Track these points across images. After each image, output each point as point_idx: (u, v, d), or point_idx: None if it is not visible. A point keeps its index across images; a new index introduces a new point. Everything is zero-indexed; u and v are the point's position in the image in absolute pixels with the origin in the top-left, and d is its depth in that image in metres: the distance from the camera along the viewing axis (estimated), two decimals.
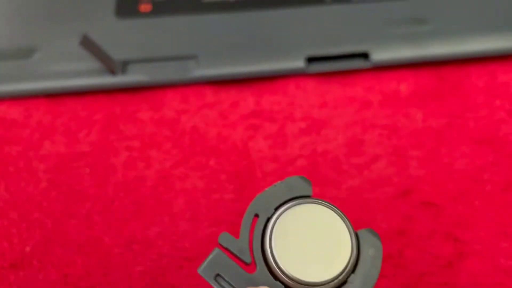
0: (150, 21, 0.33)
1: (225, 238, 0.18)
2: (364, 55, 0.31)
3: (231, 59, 0.31)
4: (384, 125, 0.30)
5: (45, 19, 0.33)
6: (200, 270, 0.18)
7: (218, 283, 0.18)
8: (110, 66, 0.30)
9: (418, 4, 0.32)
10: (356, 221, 0.27)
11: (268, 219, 0.19)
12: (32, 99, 0.31)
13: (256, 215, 0.19)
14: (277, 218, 0.18)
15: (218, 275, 0.18)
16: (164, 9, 0.33)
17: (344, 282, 0.18)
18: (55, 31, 0.32)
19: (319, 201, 0.19)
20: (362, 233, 0.19)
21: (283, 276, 0.18)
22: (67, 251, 0.27)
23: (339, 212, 0.19)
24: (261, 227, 0.19)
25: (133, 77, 0.31)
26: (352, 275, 0.18)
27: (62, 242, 0.27)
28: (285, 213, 0.18)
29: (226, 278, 0.18)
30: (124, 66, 0.31)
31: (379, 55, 0.31)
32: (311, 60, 0.31)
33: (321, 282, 0.18)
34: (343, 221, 0.18)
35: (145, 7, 0.33)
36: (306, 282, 0.18)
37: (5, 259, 0.27)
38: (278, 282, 0.18)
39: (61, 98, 0.31)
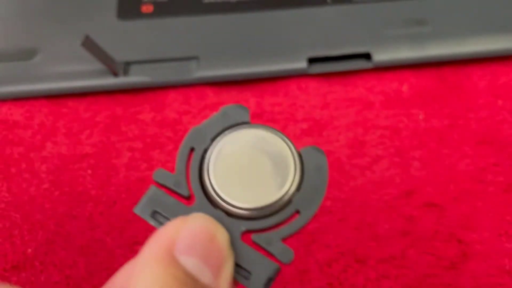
0: (152, 22, 0.33)
1: (160, 174, 0.17)
2: (366, 56, 0.31)
3: (232, 60, 0.31)
4: (386, 126, 0.30)
5: (46, 20, 0.33)
6: (136, 210, 0.17)
7: (156, 219, 0.17)
8: (112, 67, 0.30)
9: (419, 4, 0.32)
10: (358, 222, 0.27)
11: (205, 151, 0.18)
12: (34, 100, 0.31)
13: (192, 149, 0.18)
14: (214, 147, 0.17)
15: (155, 212, 0.17)
16: (166, 10, 0.33)
17: (289, 202, 0.17)
18: (57, 32, 0.32)
19: (257, 125, 0.18)
20: (305, 151, 0.18)
21: (224, 204, 0.17)
22: (69, 252, 0.27)
23: (279, 133, 0.18)
24: (198, 158, 0.17)
25: (135, 78, 0.31)
26: (297, 193, 0.17)
27: (64, 244, 0.27)
28: (222, 141, 0.17)
29: (163, 214, 0.17)
30: (126, 67, 0.31)
31: (381, 55, 0.31)
32: (312, 60, 0.31)
33: (265, 205, 0.17)
34: (284, 141, 0.17)
35: (146, 8, 0.33)
36: (248, 207, 0.17)
37: (7, 261, 0.27)
38: (219, 211, 0.17)
39: (63, 99, 0.31)
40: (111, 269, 0.26)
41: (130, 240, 0.27)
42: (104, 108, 0.31)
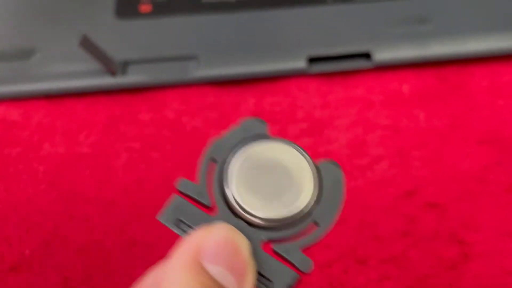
0: (151, 22, 0.32)
1: (183, 184, 0.18)
2: (366, 55, 0.31)
3: (232, 60, 0.31)
4: (387, 125, 0.29)
5: (44, 20, 0.33)
6: (160, 218, 0.18)
7: (180, 228, 0.18)
8: (110, 66, 0.30)
9: (420, 3, 0.32)
10: (360, 222, 0.27)
11: (226, 162, 0.18)
12: (32, 100, 0.31)
13: (213, 160, 0.18)
14: (235, 159, 0.18)
15: (179, 220, 0.18)
16: (165, 10, 0.33)
17: (308, 214, 0.18)
18: (55, 32, 0.32)
19: (276, 138, 0.18)
20: (323, 165, 0.18)
21: (245, 214, 0.17)
22: (67, 254, 0.26)
23: (297, 147, 0.18)
24: (220, 169, 0.18)
25: (133, 77, 0.30)
26: (316, 206, 0.18)
27: (62, 245, 0.27)
28: (242, 153, 0.18)
29: (187, 222, 0.18)
30: (124, 66, 0.31)
31: (381, 55, 0.30)
32: (312, 60, 0.31)
33: (284, 217, 0.17)
34: (302, 155, 0.18)
35: (145, 8, 0.33)
36: (269, 218, 0.17)
37: (5, 262, 0.26)
38: (240, 220, 0.17)
39: (61, 99, 0.31)
40: (109, 271, 0.26)
41: (128, 242, 0.27)
42: (102, 108, 0.30)
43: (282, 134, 0.29)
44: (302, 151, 0.18)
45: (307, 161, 0.18)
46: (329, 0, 0.33)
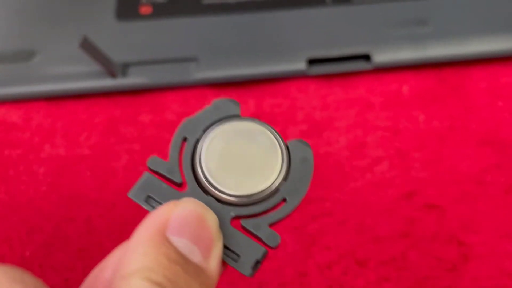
0: (151, 23, 0.32)
1: (154, 161, 0.18)
2: (366, 57, 0.31)
3: (232, 61, 0.31)
4: (386, 127, 0.29)
5: (44, 22, 0.33)
6: (130, 194, 0.18)
7: (149, 204, 0.18)
8: (110, 68, 0.30)
9: (419, 5, 0.32)
10: (359, 224, 0.27)
11: (198, 141, 0.18)
12: (32, 102, 0.31)
13: (185, 139, 0.19)
14: (206, 137, 0.18)
15: (149, 196, 0.18)
16: (165, 11, 0.33)
17: (277, 190, 0.18)
18: (55, 33, 0.32)
19: (247, 118, 0.19)
20: (292, 143, 0.19)
21: (214, 191, 0.18)
22: (67, 255, 0.27)
23: (268, 126, 0.19)
24: (191, 148, 0.18)
25: (133, 79, 0.30)
26: (284, 183, 0.18)
27: (62, 246, 0.27)
28: (213, 131, 0.18)
29: (156, 199, 0.18)
30: (124, 68, 0.31)
31: (381, 56, 0.30)
32: (312, 62, 0.31)
33: (253, 193, 0.18)
34: (272, 134, 0.18)
35: (145, 9, 0.33)
36: (237, 194, 0.18)
37: (5, 263, 0.26)
38: (210, 197, 0.18)
39: (61, 101, 0.31)
40: None
41: None
42: (102, 110, 0.31)
43: (282, 135, 0.29)
44: (272, 130, 0.19)
45: (277, 139, 0.18)
46: (329, 2, 0.33)
